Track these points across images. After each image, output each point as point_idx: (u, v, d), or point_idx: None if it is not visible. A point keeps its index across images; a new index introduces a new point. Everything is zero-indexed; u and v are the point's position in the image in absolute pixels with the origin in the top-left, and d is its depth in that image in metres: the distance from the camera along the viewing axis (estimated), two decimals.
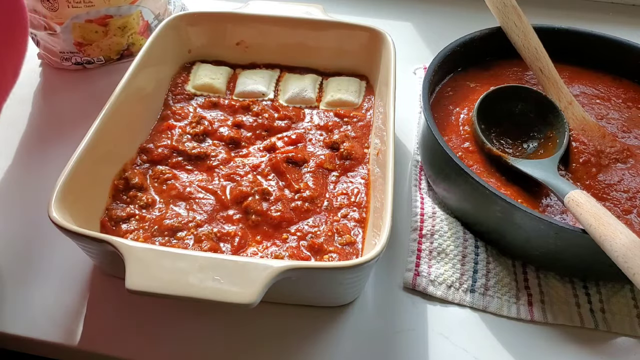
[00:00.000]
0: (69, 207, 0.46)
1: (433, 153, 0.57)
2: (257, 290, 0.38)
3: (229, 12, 0.70)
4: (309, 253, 0.50)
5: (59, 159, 0.50)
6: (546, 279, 0.52)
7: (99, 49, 0.74)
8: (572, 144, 0.58)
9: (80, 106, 0.70)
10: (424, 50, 0.85)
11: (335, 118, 0.65)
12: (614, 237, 0.42)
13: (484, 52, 0.68)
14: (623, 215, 0.52)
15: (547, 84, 0.62)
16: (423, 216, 0.57)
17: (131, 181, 0.55)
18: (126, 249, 0.41)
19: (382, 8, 0.95)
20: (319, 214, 0.54)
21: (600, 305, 0.50)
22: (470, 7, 0.89)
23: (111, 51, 0.75)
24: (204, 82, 0.68)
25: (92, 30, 0.72)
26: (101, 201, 0.53)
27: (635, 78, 0.67)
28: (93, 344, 0.47)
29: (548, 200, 0.53)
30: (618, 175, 0.55)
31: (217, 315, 0.49)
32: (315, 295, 0.49)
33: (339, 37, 0.69)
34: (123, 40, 0.75)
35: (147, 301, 0.49)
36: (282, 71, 0.72)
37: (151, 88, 0.64)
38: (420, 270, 0.52)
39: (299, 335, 0.48)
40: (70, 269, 0.52)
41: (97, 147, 0.52)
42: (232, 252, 0.50)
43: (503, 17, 0.65)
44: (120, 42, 0.75)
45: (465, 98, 0.64)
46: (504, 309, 0.50)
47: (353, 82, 0.69)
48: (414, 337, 0.48)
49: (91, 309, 0.49)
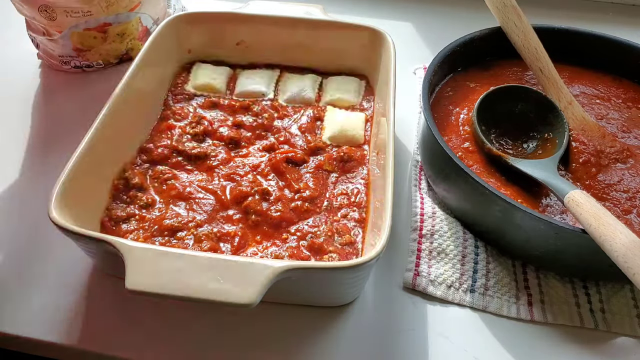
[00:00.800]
0: (69, 207, 0.46)
1: (433, 153, 0.57)
2: (257, 291, 0.38)
3: (229, 12, 0.70)
4: (309, 253, 0.50)
5: (59, 159, 0.50)
6: (546, 279, 0.52)
7: (98, 54, 0.74)
8: (572, 144, 0.58)
9: (80, 106, 0.70)
10: (424, 50, 0.85)
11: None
12: (614, 237, 0.42)
13: (484, 52, 0.68)
14: (623, 215, 0.52)
15: (547, 84, 0.62)
16: (423, 216, 0.57)
17: (131, 181, 0.55)
18: (126, 249, 0.41)
19: (382, 8, 0.95)
20: (319, 214, 0.54)
21: (600, 305, 0.50)
22: (470, 7, 0.89)
23: (110, 56, 0.76)
24: (204, 82, 0.68)
25: (91, 37, 0.72)
26: (101, 201, 0.53)
27: (635, 78, 0.67)
28: (93, 344, 0.47)
29: (548, 200, 0.53)
30: (618, 175, 0.55)
31: (217, 315, 0.49)
32: (315, 295, 0.49)
33: (339, 37, 0.69)
34: (122, 46, 0.75)
35: (147, 301, 0.49)
36: (282, 71, 0.72)
37: (151, 88, 0.64)
38: (420, 270, 0.52)
39: (299, 335, 0.48)
40: (70, 269, 0.52)
41: (96, 147, 0.52)
42: (232, 252, 0.50)
43: (503, 17, 0.65)
44: (119, 48, 0.75)
45: (465, 98, 0.64)
46: (503, 309, 0.50)
47: (353, 82, 0.69)
48: (414, 337, 0.48)
49: (91, 309, 0.49)
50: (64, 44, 0.72)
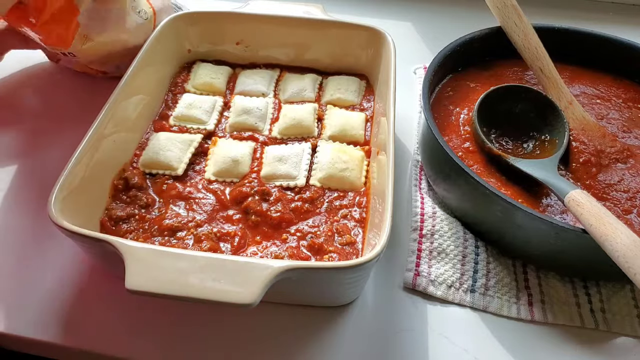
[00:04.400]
0: (68, 207, 0.46)
1: (433, 153, 0.57)
2: (257, 291, 0.38)
3: (229, 11, 0.70)
4: (309, 253, 0.50)
5: (60, 159, 0.50)
6: (546, 279, 0.52)
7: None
8: (572, 144, 0.57)
9: (81, 105, 0.70)
10: (424, 50, 0.85)
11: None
12: (615, 237, 0.42)
13: (484, 52, 0.68)
14: (623, 215, 0.52)
15: (547, 84, 0.62)
16: (423, 216, 0.57)
17: (130, 181, 0.55)
18: (126, 249, 0.41)
19: (382, 8, 0.95)
20: (319, 214, 0.54)
21: (600, 305, 0.50)
22: (470, 7, 0.89)
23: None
24: (204, 82, 0.68)
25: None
26: (101, 201, 0.53)
27: (635, 78, 0.67)
28: (92, 344, 0.47)
29: (548, 200, 0.53)
30: (618, 175, 0.55)
31: (217, 315, 0.49)
32: (315, 295, 0.49)
33: (339, 37, 0.69)
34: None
35: (146, 301, 0.49)
36: (282, 71, 0.72)
37: (151, 87, 0.64)
38: (421, 270, 0.52)
39: (299, 335, 0.48)
40: (69, 269, 0.52)
41: (97, 146, 0.52)
42: (232, 252, 0.50)
43: (503, 16, 0.65)
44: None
45: (465, 98, 0.64)
46: (504, 309, 0.50)
47: (353, 81, 0.69)
48: (414, 337, 0.48)
49: (91, 309, 0.49)
50: (76, 61, 0.71)
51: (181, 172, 0.57)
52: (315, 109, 0.65)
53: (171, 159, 0.58)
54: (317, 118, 0.64)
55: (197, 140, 0.60)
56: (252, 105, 0.65)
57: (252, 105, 0.64)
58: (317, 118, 0.64)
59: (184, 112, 0.64)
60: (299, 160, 0.58)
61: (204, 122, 0.63)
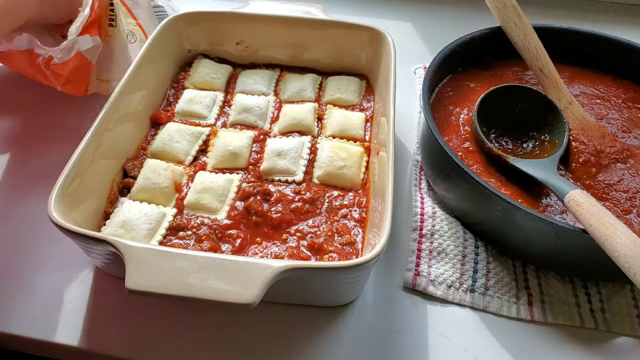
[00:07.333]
0: (69, 207, 0.46)
1: (433, 153, 0.57)
2: (257, 290, 0.38)
3: (229, 11, 0.70)
4: (309, 253, 0.50)
5: (60, 158, 0.50)
6: (546, 279, 0.52)
7: None
8: (572, 144, 0.58)
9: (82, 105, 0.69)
10: (424, 50, 0.85)
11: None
12: (615, 237, 0.42)
13: (484, 52, 0.68)
14: (623, 215, 0.52)
15: (547, 84, 0.62)
16: (423, 216, 0.57)
17: (130, 173, 0.56)
18: (126, 249, 0.41)
19: (382, 8, 0.95)
20: (319, 214, 0.54)
21: (600, 305, 0.50)
22: (470, 7, 0.89)
23: None
24: (203, 80, 0.68)
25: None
26: (101, 201, 0.53)
27: (635, 78, 0.67)
28: (93, 344, 0.47)
29: (548, 200, 0.53)
30: (618, 175, 0.55)
31: (217, 315, 0.49)
32: (315, 295, 0.49)
33: (339, 37, 0.69)
34: None
35: (147, 301, 0.49)
36: (282, 71, 0.72)
37: (151, 86, 0.64)
38: (420, 270, 0.52)
39: (299, 335, 0.48)
40: (70, 269, 0.52)
41: (97, 146, 0.52)
42: (232, 252, 0.50)
43: (503, 16, 0.65)
44: None
45: (465, 98, 0.64)
46: (504, 308, 0.50)
47: (353, 81, 0.69)
48: (414, 337, 0.48)
49: (91, 309, 0.49)
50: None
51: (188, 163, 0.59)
52: (315, 109, 0.65)
53: (179, 151, 0.59)
54: (317, 118, 0.64)
55: (205, 133, 0.62)
56: (253, 103, 0.65)
57: (253, 104, 0.65)
58: (317, 118, 0.64)
59: (185, 107, 0.64)
60: (297, 155, 0.59)
61: (204, 117, 0.64)
